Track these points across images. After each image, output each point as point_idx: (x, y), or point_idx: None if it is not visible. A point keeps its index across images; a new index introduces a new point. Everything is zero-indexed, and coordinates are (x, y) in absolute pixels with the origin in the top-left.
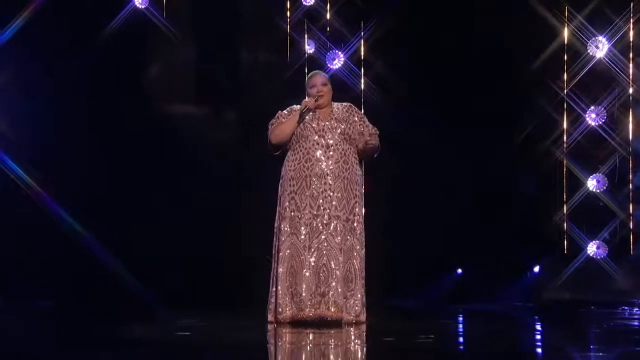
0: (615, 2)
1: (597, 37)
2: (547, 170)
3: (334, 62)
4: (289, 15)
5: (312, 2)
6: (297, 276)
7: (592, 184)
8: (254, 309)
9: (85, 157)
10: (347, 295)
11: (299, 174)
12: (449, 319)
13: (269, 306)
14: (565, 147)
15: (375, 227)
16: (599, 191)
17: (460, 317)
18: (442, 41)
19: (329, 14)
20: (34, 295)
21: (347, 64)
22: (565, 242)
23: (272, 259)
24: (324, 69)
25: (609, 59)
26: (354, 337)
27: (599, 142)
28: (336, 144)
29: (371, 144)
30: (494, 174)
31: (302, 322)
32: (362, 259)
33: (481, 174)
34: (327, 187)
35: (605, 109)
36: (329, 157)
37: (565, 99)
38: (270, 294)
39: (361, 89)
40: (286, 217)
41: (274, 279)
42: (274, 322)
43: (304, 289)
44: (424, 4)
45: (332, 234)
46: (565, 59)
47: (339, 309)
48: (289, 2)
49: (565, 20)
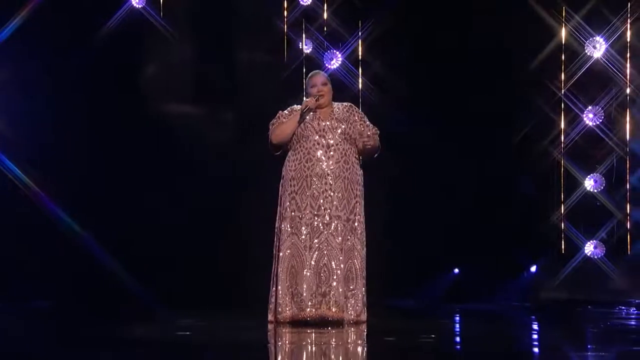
0: (612, 3)
1: (594, 37)
2: (545, 170)
3: (332, 62)
4: (286, 14)
5: (309, 2)
6: (298, 276)
7: (589, 183)
8: (254, 309)
9: (83, 157)
10: (347, 295)
11: (299, 174)
12: (446, 319)
13: (269, 306)
14: (562, 147)
15: (375, 227)
16: (596, 191)
17: (457, 317)
18: (439, 41)
19: (326, 14)
20: (34, 295)
21: (344, 63)
22: (562, 242)
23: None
24: (322, 69)
25: (606, 59)
26: (355, 337)
27: (597, 142)
28: (337, 144)
29: (369, 145)
30: (492, 174)
31: (303, 322)
32: (363, 259)
33: (480, 174)
34: (327, 187)
35: (602, 109)
36: (329, 157)
37: (562, 99)
38: (270, 294)
39: (359, 89)
40: (287, 217)
41: (274, 279)
42: (274, 321)
43: (305, 288)
44: (422, 3)
45: (332, 234)
46: (562, 59)
47: (340, 309)
48: (286, 2)
49: (562, 20)
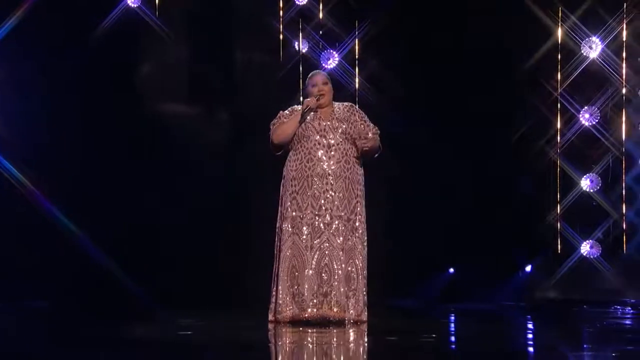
0: (608, 3)
1: (590, 38)
2: (541, 170)
3: (329, 62)
4: (281, 14)
5: (305, 2)
6: (299, 276)
7: (585, 183)
8: (254, 309)
9: (78, 156)
10: (348, 294)
11: (300, 174)
12: (441, 318)
13: (269, 306)
14: (559, 147)
15: (376, 226)
16: (592, 191)
17: (452, 317)
18: (435, 40)
19: (321, 14)
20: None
21: (341, 63)
22: (558, 242)
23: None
24: (318, 69)
25: (602, 60)
26: (356, 337)
27: (593, 142)
28: (337, 144)
29: (367, 147)
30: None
31: (304, 322)
32: (364, 259)
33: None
34: (328, 187)
35: (598, 109)
36: (330, 157)
37: (559, 99)
38: (271, 294)
39: (355, 88)
40: (288, 217)
41: (275, 279)
42: (274, 321)
43: (306, 288)
44: (417, 3)
45: (333, 234)
46: (559, 59)
47: (342, 309)
48: (281, 2)
49: (558, 20)
